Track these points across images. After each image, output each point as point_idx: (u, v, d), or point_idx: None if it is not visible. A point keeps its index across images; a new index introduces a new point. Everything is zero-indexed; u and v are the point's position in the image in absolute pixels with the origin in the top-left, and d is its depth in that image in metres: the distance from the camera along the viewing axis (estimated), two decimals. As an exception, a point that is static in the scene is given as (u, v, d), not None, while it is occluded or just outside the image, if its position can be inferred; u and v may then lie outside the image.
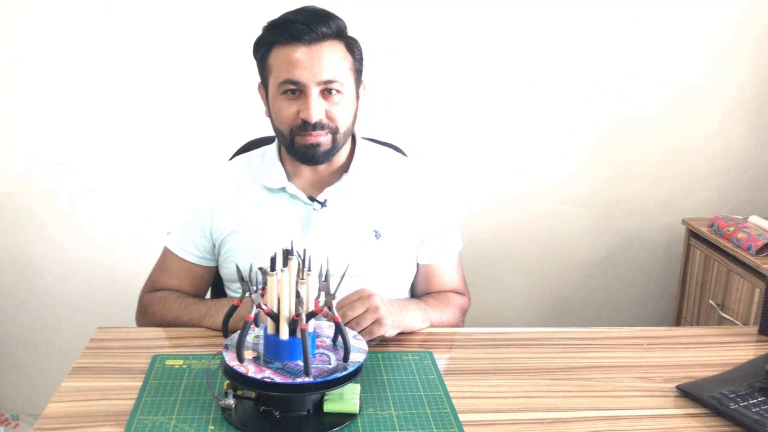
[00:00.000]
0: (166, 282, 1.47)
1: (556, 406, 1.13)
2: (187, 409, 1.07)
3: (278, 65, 1.33)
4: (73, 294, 2.38)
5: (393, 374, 1.20)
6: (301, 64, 1.31)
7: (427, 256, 1.50)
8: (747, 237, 2.08)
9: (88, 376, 1.17)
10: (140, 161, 2.30)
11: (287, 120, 1.35)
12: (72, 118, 2.24)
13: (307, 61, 1.31)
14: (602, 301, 2.64)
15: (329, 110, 1.34)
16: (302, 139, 1.35)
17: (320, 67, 1.31)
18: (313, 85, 1.31)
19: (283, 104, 1.34)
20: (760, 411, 1.09)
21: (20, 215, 2.31)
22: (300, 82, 1.31)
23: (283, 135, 1.38)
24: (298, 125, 1.34)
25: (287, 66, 1.32)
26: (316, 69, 1.31)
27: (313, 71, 1.31)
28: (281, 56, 1.33)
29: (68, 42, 2.17)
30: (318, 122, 1.33)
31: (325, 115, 1.34)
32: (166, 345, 1.31)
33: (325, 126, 1.34)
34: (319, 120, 1.33)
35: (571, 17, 2.33)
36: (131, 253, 2.34)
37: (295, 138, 1.35)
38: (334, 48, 1.34)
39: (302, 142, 1.35)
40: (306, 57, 1.31)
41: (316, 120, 1.32)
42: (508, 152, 2.43)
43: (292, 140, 1.36)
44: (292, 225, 1.41)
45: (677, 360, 1.31)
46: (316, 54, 1.32)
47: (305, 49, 1.31)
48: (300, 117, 1.33)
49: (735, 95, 2.47)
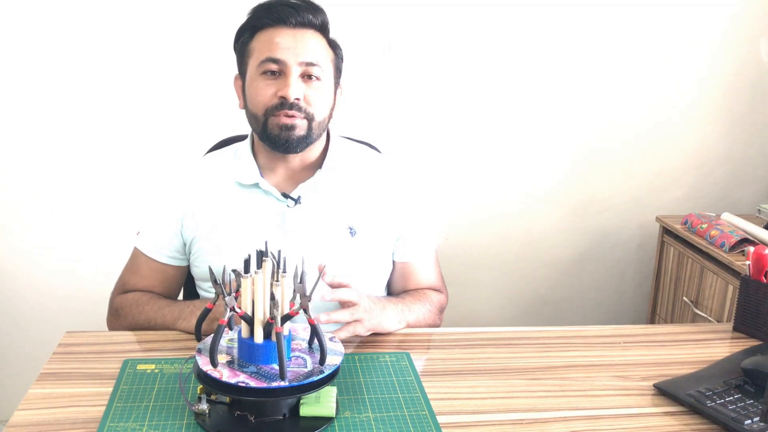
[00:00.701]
0: (137, 283, 1.44)
1: (534, 406, 1.12)
2: (159, 415, 1.05)
3: (260, 47, 1.33)
4: (40, 298, 2.34)
5: (370, 376, 1.18)
6: (284, 44, 1.31)
7: (404, 254, 1.48)
8: (720, 234, 2.10)
9: (56, 383, 1.14)
10: (107, 159, 2.26)
11: (264, 99, 1.33)
12: (33, 117, 2.19)
13: (291, 42, 1.32)
14: (577, 298, 2.65)
15: (307, 94, 1.33)
16: (277, 120, 1.32)
17: (303, 49, 1.32)
18: (294, 64, 1.31)
19: (261, 84, 1.33)
20: (737, 408, 1.10)
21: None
22: (281, 60, 1.31)
23: (256, 118, 1.35)
24: (275, 105, 1.32)
25: (270, 46, 1.32)
26: (299, 50, 1.31)
27: (295, 52, 1.31)
28: (264, 38, 1.33)
29: (31, 40, 2.13)
30: (295, 102, 1.31)
31: (303, 99, 1.32)
32: (137, 349, 1.27)
33: (302, 109, 1.32)
34: (297, 100, 1.31)
35: (549, 18, 2.34)
36: (98, 255, 2.30)
37: (269, 119, 1.33)
38: (316, 37, 1.35)
39: (276, 122, 1.32)
40: (289, 39, 1.32)
41: (294, 98, 1.31)
42: (483, 151, 2.44)
43: (266, 122, 1.33)
44: (266, 222, 1.38)
45: (654, 358, 1.31)
46: (300, 36, 1.33)
47: (290, 31, 1.33)
48: (278, 95, 1.32)
49: (707, 93, 2.50)
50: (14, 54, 2.14)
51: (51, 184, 2.25)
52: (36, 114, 2.19)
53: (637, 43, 2.40)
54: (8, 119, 2.19)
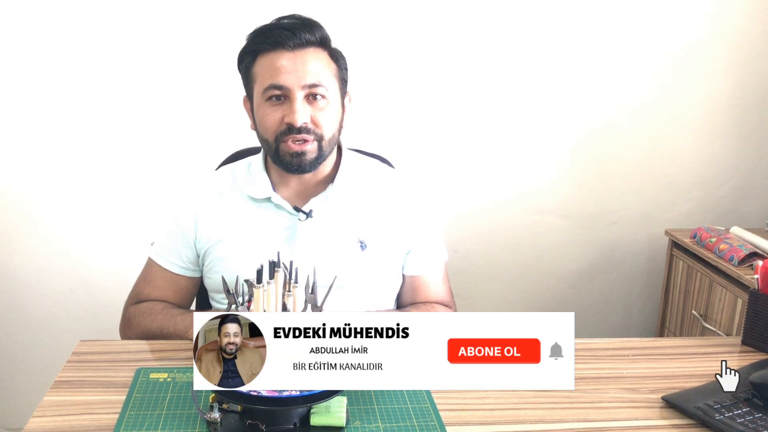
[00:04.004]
0: (151, 293, 1.46)
1: (543, 417, 1.13)
2: (171, 423, 1.06)
3: (262, 72, 1.34)
4: (52, 307, 2.36)
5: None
6: (286, 69, 1.32)
7: (413, 267, 1.50)
8: (729, 248, 2.10)
9: (70, 390, 1.15)
10: (121, 170, 2.28)
11: (272, 126, 1.35)
12: (50, 126, 2.22)
13: (291, 66, 1.32)
14: (586, 311, 2.66)
15: (314, 116, 1.34)
16: (287, 147, 1.34)
17: (304, 72, 1.32)
18: (297, 89, 1.32)
19: (268, 110, 1.34)
20: (745, 422, 1.10)
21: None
22: (284, 86, 1.32)
23: (268, 143, 1.37)
24: (283, 130, 1.34)
25: (271, 72, 1.33)
26: (300, 73, 1.32)
27: (297, 75, 1.32)
28: (265, 63, 1.34)
29: (44, 48, 2.16)
30: (303, 126, 1.32)
31: (311, 121, 1.34)
32: (150, 358, 1.29)
33: (311, 131, 1.34)
34: (305, 124, 1.33)
35: (560, 33, 2.36)
36: (111, 265, 2.32)
37: (280, 145, 1.35)
38: (318, 54, 1.35)
39: (287, 150, 1.34)
40: (290, 62, 1.32)
41: (301, 123, 1.32)
42: (493, 164, 2.45)
43: (277, 148, 1.35)
44: (277, 235, 1.40)
45: (662, 371, 1.32)
46: (300, 59, 1.33)
47: (289, 54, 1.33)
48: (285, 121, 1.33)
49: (717, 106, 2.50)
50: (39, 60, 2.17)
51: (65, 194, 2.28)
52: (50, 124, 2.22)
53: (647, 57, 2.41)
54: (24, 128, 2.22)
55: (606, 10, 2.35)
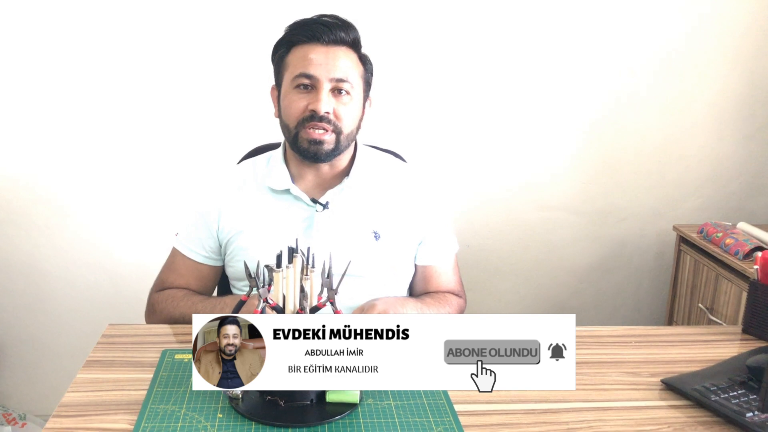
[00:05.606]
0: (175, 281, 1.53)
1: (546, 397, 1.19)
2: (196, 398, 1.13)
3: (295, 62, 1.42)
4: (77, 296, 2.43)
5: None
6: (317, 60, 1.40)
7: (425, 257, 1.56)
8: (735, 242, 2.14)
9: (101, 369, 1.23)
10: (146, 164, 2.35)
11: (296, 112, 1.42)
12: (77, 121, 2.30)
13: (323, 59, 1.40)
14: (596, 306, 2.70)
15: (337, 108, 1.41)
16: (306, 134, 1.41)
17: (334, 66, 1.40)
18: (325, 80, 1.40)
19: (294, 97, 1.42)
20: (740, 402, 1.15)
21: (25, 219, 2.37)
22: (314, 75, 1.40)
23: (288, 129, 1.44)
24: (306, 117, 1.41)
25: (303, 62, 1.41)
26: (330, 66, 1.40)
27: (327, 68, 1.40)
28: (299, 54, 1.42)
29: (75, 43, 2.23)
30: (325, 115, 1.40)
31: (333, 113, 1.41)
32: (173, 341, 1.36)
33: (332, 122, 1.41)
34: (327, 113, 1.40)
35: (569, 33, 2.40)
36: (135, 255, 2.39)
37: (300, 132, 1.42)
38: (348, 54, 1.44)
39: (306, 137, 1.41)
40: (322, 56, 1.41)
41: (324, 112, 1.39)
42: (504, 161, 2.49)
43: (297, 135, 1.42)
44: (296, 226, 1.47)
45: (664, 356, 1.37)
46: (332, 54, 1.41)
47: (323, 48, 1.41)
48: (309, 108, 1.40)
49: (726, 105, 2.54)
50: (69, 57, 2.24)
51: (92, 188, 2.35)
52: (80, 120, 2.30)
53: (655, 55, 2.45)
54: (53, 124, 2.29)
55: (619, 5, 2.39)
